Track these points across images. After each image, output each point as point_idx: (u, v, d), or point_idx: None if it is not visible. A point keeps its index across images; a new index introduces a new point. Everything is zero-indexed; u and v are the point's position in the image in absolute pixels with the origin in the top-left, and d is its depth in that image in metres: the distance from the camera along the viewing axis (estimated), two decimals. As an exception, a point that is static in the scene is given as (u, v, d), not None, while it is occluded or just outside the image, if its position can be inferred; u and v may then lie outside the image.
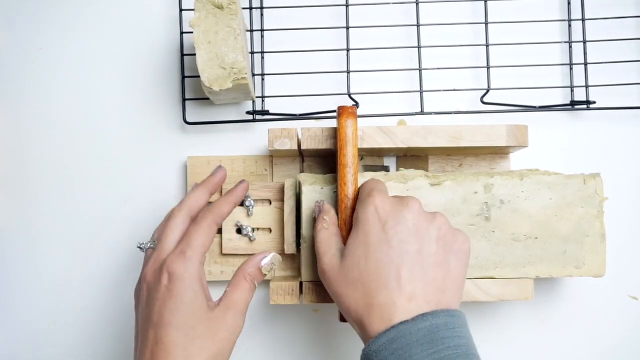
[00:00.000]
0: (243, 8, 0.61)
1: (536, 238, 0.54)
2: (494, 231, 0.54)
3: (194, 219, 0.51)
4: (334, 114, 0.60)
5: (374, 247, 0.46)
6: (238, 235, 0.59)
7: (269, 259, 0.51)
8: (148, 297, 0.48)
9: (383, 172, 0.55)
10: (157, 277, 0.47)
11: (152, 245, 0.51)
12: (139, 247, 0.52)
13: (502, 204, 0.54)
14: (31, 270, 0.62)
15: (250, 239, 0.58)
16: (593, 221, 0.54)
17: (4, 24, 0.64)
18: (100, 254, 0.62)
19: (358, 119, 0.61)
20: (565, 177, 0.54)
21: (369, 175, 0.54)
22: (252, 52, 0.62)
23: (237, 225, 0.59)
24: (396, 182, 0.54)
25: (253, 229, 0.58)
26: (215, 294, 0.50)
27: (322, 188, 0.54)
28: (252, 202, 0.59)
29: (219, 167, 0.56)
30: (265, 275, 0.51)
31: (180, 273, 0.47)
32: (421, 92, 0.61)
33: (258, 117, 0.62)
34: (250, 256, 0.51)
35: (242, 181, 0.56)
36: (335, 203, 0.53)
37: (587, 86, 0.61)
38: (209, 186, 0.54)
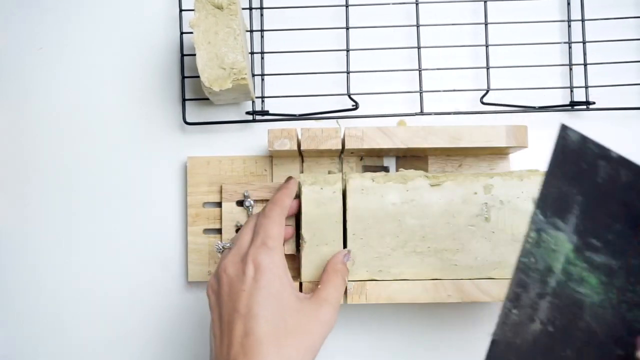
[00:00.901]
0: (243, 8, 0.61)
1: None
2: (493, 232, 0.54)
3: (261, 214, 0.51)
4: (334, 114, 0.60)
5: None
6: (238, 236, 0.59)
7: (349, 255, 0.53)
8: (231, 290, 0.47)
9: (383, 173, 0.55)
10: (242, 269, 0.47)
11: (230, 245, 0.51)
12: (218, 250, 0.52)
13: (502, 205, 0.54)
14: (31, 270, 0.62)
15: (250, 239, 0.58)
16: None
17: (4, 24, 0.64)
18: (99, 253, 0.62)
19: (358, 119, 0.62)
20: (565, 177, 0.54)
21: (369, 175, 0.54)
22: (252, 53, 0.62)
23: (237, 225, 0.59)
24: (396, 182, 0.54)
25: (253, 229, 0.58)
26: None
27: (321, 189, 0.54)
28: (252, 202, 0.59)
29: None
30: (348, 270, 0.53)
31: (267, 263, 0.46)
32: (421, 92, 0.61)
33: (258, 117, 0.62)
34: (334, 255, 0.52)
35: (290, 177, 0.56)
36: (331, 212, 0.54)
37: (586, 87, 0.61)
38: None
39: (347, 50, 0.61)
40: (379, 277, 0.54)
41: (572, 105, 0.62)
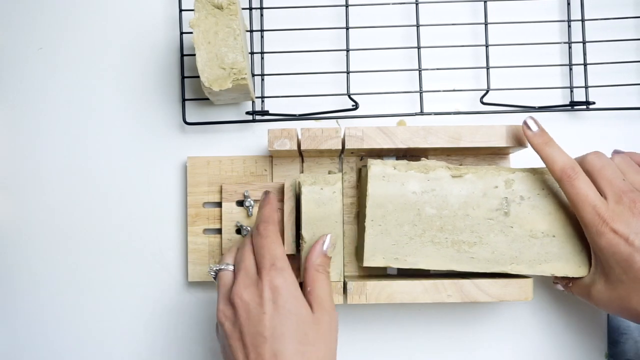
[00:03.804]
0: (243, 8, 0.61)
1: (554, 236, 0.54)
2: (512, 227, 0.54)
3: (257, 234, 0.51)
4: (334, 114, 0.60)
5: None
6: (238, 236, 0.59)
7: (329, 242, 0.52)
8: (250, 315, 0.48)
9: (405, 161, 0.55)
10: (258, 294, 0.48)
11: (226, 268, 0.51)
12: (212, 274, 0.52)
13: (522, 200, 0.54)
14: (30, 270, 0.62)
15: (250, 239, 0.58)
16: None
17: (4, 24, 0.64)
18: (99, 253, 0.62)
19: (358, 119, 0.62)
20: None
21: (391, 163, 0.54)
22: (252, 53, 0.62)
23: (237, 225, 0.59)
24: (417, 171, 0.54)
25: (253, 229, 0.58)
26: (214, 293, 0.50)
27: (321, 189, 0.54)
28: (251, 202, 0.59)
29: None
30: (330, 257, 0.52)
31: (282, 285, 0.48)
32: (421, 92, 0.61)
33: (258, 117, 0.62)
34: (310, 248, 0.52)
35: (267, 191, 0.55)
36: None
37: (586, 87, 0.61)
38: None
39: (347, 50, 0.61)
40: (394, 264, 0.54)
41: (572, 105, 0.62)
